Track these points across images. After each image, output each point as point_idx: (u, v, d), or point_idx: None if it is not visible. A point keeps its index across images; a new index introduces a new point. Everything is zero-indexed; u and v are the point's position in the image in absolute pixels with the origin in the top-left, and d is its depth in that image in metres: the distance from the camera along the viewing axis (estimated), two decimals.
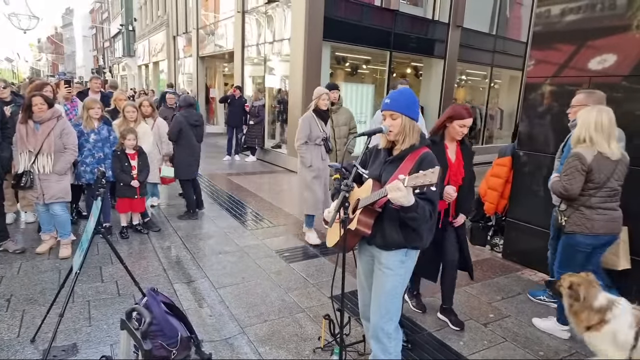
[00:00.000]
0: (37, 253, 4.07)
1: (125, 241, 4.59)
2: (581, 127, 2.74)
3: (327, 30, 8.85)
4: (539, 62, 4.18)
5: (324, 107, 4.65)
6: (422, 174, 1.69)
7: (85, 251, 2.65)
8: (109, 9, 38.41)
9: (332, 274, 2.35)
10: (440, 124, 2.88)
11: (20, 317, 2.99)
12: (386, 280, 2.10)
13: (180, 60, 19.02)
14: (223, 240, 4.76)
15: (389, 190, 1.77)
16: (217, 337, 2.90)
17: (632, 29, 3.42)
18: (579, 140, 2.76)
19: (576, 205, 2.83)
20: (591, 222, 2.78)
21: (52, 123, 3.84)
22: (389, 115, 2.03)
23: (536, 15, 4.25)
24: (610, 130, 2.68)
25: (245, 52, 11.79)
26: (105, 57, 41.73)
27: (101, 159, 4.44)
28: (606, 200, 2.77)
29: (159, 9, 21.59)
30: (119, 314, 3.02)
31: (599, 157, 2.67)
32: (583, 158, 2.69)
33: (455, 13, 11.39)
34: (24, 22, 26.20)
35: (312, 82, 8.82)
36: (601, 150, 2.67)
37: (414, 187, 1.71)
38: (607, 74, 3.60)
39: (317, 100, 4.60)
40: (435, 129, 2.93)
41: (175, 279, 3.75)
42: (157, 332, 2.23)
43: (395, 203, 1.80)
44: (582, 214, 2.80)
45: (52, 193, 3.88)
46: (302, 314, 3.22)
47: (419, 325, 3.12)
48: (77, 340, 2.77)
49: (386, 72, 10.80)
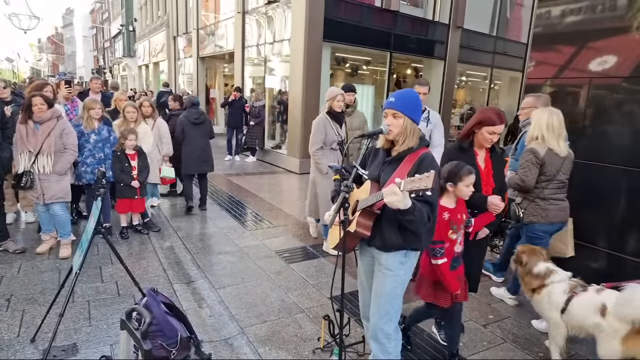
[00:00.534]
0: (37, 253, 4.07)
1: (125, 241, 4.59)
2: (535, 127, 3.13)
3: (327, 31, 8.85)
4: (540, 64, 4.18)
5: (339, 109, 4.37)
6: (417, 178, 1.69)
7: (85, 251, 2.65)
8: (110, 9, 38.43)
9: (332, 275, 2.35)
10: (469, 129, 2.64)
11: (20, 317, 2.99)
12: (386, 281, 2.10)
13: (181, 60, 19.03)
14: (223, 241, 4.76)
15: (385, 194, 1.77)
16: (217, 337, 2.90)
17: (633, 30, 3.43)
18: (532, 138, 3.13)
19: (531, 197, 3.19)
20: (546, 212, 3.15)
21: (52, 123, 3.84)
22: (392, 114, 2.00)
23: (536, 16, 4.26)
24: (559, 131, 3.07)
25: (246, 52, 11.80)
26: (105, 58, 41.75)
27: (101, 159, 4.44)
28: (556, 192, 3.16)
29: (159, 9, 21.61)
30: (118, 314, 3.02)
31: (549, 152, 3.06)
32: (537, 152, 3.06)
33: (456, 14, 11.40)
34: (25, 22, 26.22)
35: (312, 82, 8.83)
36: (551, 147, 3.05)
37: (410, 191, 1.71)
38: (608, 75, 3.60)
39: (331, 101, 4.34)
40: (463, 135, 2.69)
41: (175, 279, 3.75)
42: (157, 332, 2.23)
43: (392, 207, 1.79)
44: (538, 205, 3.17)
45: (52, 193, 3.89)
46: (301, 315, 3.22)
47: (418, 325, 3.12)
48: (77, 340, 2.77)
49: (386, 73, 10.81)
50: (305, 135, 8.97)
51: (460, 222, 2.42)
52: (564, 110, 3.11)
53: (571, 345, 2.93)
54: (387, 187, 1.78)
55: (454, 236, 2.39)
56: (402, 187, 1.72)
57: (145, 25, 24.88)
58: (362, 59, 11.19)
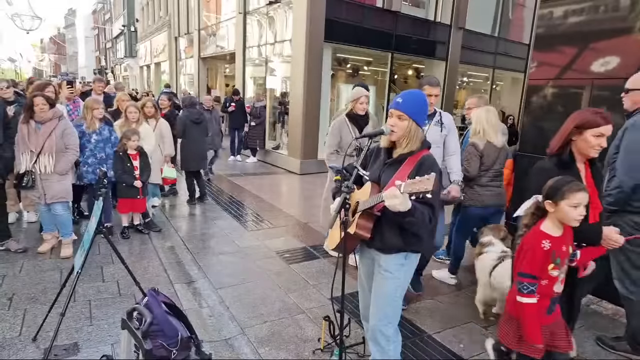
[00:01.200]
0: (39, 252, 4.08)
1: (126, 241, 4.60)
2: (477, 123, 3.62)
3: (328, 32, 8.86)
4: (541, 64, 4.18)
5: (362, 112, 3.96)
6: (418, 180, 1.67)
7: (87, 251, 2.66)
8: (111, 10, 38.52)
9: (332, 276, 2.34)
10: (564, 137, 2.18)
11: (22, 316, 3.00)
12: (385, 283, 2.09)
13: (182, 61, 19.06)
14: (223, 241, 4.77)
15: (386, 197, 1.76)
16: (217, 337, 2.90)
17: (635, 31, 3.42)
18: (475, 132, 3.62)
19: (471, 184, 3.63)
20: (481, 197, 3.61)
21: (54, 123, 3.85)
22: (397, 115, 1.97)
23: (538, 17, 4.25)
24: (496, 126, 3.62)
25: (247, 53, 11.81)
26: (107, 58, 41.83)
27: (103, 159, 4.44)
28: (493, 179, 3.61)
29: (160, 10, 21.64)
30: (119, 313, 3.01)
31: (488, 145, 3.54)
32: (477, 145, 3.55)
33: (457, 15, 11.39)
34: (27, 22, 26.27)
35: (313, 83, 8.84)
36: (490, 140, 3.54)
37: (410, 193, 1.70)
38: (610, 77, 3.59)
39: (354, 102, 3.95)
40: (558, 145, 2.20)
41: (176, 279, 3.76)
42: (158, 332, 2.23)
43: (393, 210, 1.78)
44: (475, 191, 3.62)
45: (53, 193, 3.89)
46: (302, 315, 3.22)
47: (418, 327, 3.12)
48: (78, 339, 2.77)
49: (387, 73, 10.80)
50: (305, 135, 8.99)
51: (565, 255, 1.97)
52: (566, 111, 3.11)
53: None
54: (388, 190, 1.77)
55: (555, 272, 1.93)
56: (402, 190, 1.70)
57: (147, 26, 24.92)
58: (363, 59, 11.19)
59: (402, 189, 1.70)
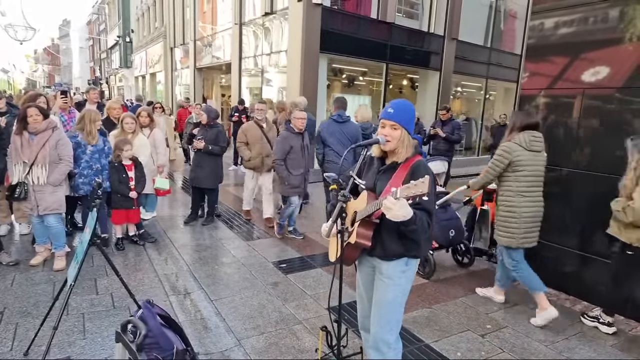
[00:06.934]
0: (31, 265, 4.02)
1: (120, 253, 4.55)
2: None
3: (324, 42, 8.95)
4: (533, 74, 4.23)
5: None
6: (413, 184, 1.69)
7: (80, 263, 2.63)
8: (107, 21, 38.64)
9: (330, 286, 2.33)
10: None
11: (14, 330, 2.95)
12: (387, 290, 2.09)
13: (178, 71, 19.12)
14: (220, 252, 4.74)
15: (385, 210, 1.77)
16: (214, 349, 2.86)
17: (625, 41, 3.48)
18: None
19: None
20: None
21: (47, 134, 3.82)
22: (390, 125, 2.01)
23: (529, 28, 4.32)
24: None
25: (243, 63, 11.88)
26: (102, 69, 41.85)
27: (99, 170, 4.39)
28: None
29: (156, 20, 21.77)
30: (114, 326, 2.99)
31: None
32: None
33: (451, 26, 11.57)
34: (21, 33, 26.19)
35: (309, 93, 8.89)
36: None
37: (406, 197, 1.71)
38: (601, 86, 3.65)
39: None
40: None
41: (171, 290, 3.72)
42: (153, 344, 2.20)
43: (395, 220, 1.79)
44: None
45: (46, 205, 3.85)
46: (299, 326, 3.19)
47: (416, 336, 3.10)
48: (71, 353, 2.72)
49: (382, 83, 10.90)
50: None
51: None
52: (558, 121, 3.14)
53: (568, 356, 2.92)
54: (386, 201, 1.78)
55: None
56: (398, 195, 1.72)
57: (143, 37, 25.03)
58: (359, 70, 11.30)
59: (398, 194, 1.72)
